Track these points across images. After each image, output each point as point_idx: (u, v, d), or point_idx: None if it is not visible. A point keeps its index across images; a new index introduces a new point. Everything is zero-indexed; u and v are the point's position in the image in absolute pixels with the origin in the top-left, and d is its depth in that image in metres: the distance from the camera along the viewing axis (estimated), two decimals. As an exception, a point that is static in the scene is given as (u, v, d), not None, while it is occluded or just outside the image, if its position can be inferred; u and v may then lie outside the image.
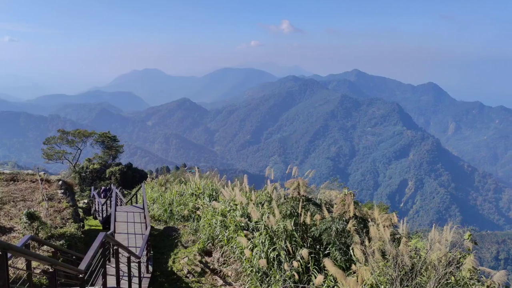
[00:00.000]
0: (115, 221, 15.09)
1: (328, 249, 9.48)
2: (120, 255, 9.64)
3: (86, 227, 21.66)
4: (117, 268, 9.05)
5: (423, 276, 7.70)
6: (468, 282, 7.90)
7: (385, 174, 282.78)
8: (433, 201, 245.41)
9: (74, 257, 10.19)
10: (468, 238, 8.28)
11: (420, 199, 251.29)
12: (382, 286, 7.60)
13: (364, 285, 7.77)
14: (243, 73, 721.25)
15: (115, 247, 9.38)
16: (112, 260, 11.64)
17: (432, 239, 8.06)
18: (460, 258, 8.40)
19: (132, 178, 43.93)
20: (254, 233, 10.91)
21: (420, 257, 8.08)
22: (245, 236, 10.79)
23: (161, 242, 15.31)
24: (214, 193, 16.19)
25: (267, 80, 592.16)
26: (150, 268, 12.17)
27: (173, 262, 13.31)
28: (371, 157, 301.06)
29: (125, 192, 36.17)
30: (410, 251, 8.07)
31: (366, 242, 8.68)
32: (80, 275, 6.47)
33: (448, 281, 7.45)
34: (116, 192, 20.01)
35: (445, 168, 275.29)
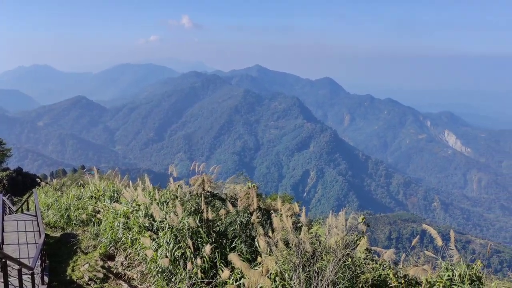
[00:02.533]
0: (2, 231, 13.75)
1: (234, 242, 9.58)
2: (10, 268, 8.80)
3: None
4: (6, 283, 8.26)
5: (324, 260, 8.08)
6: (363, 262, 8.49)
7: (289, 166, 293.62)
8: (333, 189, 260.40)
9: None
10: (361, 222, 8.92)
11: (322, 188, 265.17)
12: (287, 274, 7.85)
13: (270, 274, 7.97)
14: (143, 69, 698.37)
15: (2, 260, 8.55)
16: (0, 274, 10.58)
17: (330, 225, 8.55)
18: (356, 240, 8.99)
19: (22, 184, 40.36)
20: (158, 233, 10.64)
21: (320, 243, 8.48)
22: (149, 236, 10.48)
23: (59, 250, 14.27)
24: (115, 195, 15.48)
25: (168, 76, 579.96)
26: (46, 279, 11.28)
27: (73, 270, 12.48)
28: (275, 150, 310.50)
29: (15, 199, 33.12)
30: (311, 238, 8.45)
31: (270, 233, 8.93)
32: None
33: (346, 263, 7.91)
34: (3, 200, 18.22)
35: (342, 158, 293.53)
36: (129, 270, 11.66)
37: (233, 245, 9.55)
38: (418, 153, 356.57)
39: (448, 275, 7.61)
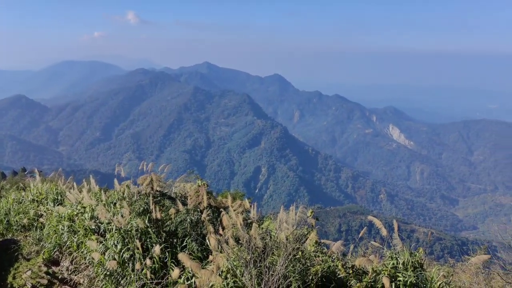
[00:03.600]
0: None
1: (185, 241, 9.47)
2: None
3: None
4: None
5: (274, 255, 8.16)
6: (313, 255, 8.67)
7: (240, 163, 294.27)
8: (284, 184, 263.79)
9: None
10: (310, 215, 9.11)
11: (273, 184, 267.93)
12: (238, 270, 7.86)
13: (221, 272, 7.96)
14: (88, 66, 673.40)
15: None
16: None
17: (281, 220, 8.66)
18: (306, 234, 9.15)
19: (-43, 189, 37.78)
20: (106, 235, 10.33)
21: (271, 238, 8.56)
22: (96, 239, 10.15)
23: (-2, 258, 13.49)
24: (59, 197, 14.83)
25: (115, 73, 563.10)
26: (-15, 289, 10.66)
27: (14, 278, 11.85)
28: (226, 148, 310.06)
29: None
30: (262, 234, 8.51)
31: (221, 231, 8.91)
32: None
33: (296, 256, 8.03)
34: None
35: (293, 154, 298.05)
36: (75, 275, 11.24)
37: (184, 244, 9.44)
38: (365, 147, 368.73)
39: (393, 264, 7.93)
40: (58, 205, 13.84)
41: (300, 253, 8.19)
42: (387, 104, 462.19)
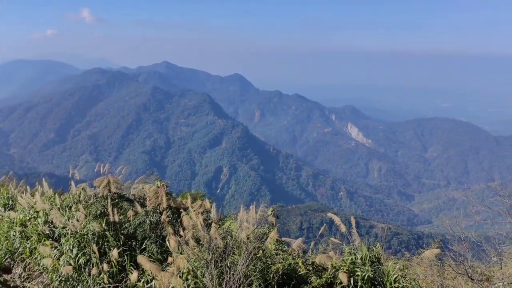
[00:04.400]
0: None
1: (144, 243, 9.31)
2: None
3: None
4: None
5: (236, 254, 8.16)
6: (274, 253, 8.72)
7: (201, 163, 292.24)
8: (246, 184, 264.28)
9: None
10: (271, 214, 9.16)
11: (235, 184, 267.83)
12: (199, 271, 7.81)
13: (181, 273, 7.87)
14: (41, 66, 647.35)
15: None
16: None
17: (241, 219, 8.67)
18: (267, 232, 9.20)
19: None
20: (61, 240, 9.98)
21: (232, 238, 8.55)
22: (50, 244, 9.79)
23: None
24: (10, 202, 14.21)
25: (69, 73, 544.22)
26: None
27: (-38, 289, 11.25)
28: (186, 148, 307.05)
29: None
30: (223, 234, 8.49)
31: (181, 232, 8.81)
32: None
33: (257, 255, 8.06)
34: None
35: (254, 153, 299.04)
36: (29, 282, 10.80)
37: (144, 247, 9.28)
38: (325, 146, 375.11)
39: (351, 259, 8.12)
40: (9, 210, 13.26)
41: (261, 251, 8.23)
42: (345, 103, 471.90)
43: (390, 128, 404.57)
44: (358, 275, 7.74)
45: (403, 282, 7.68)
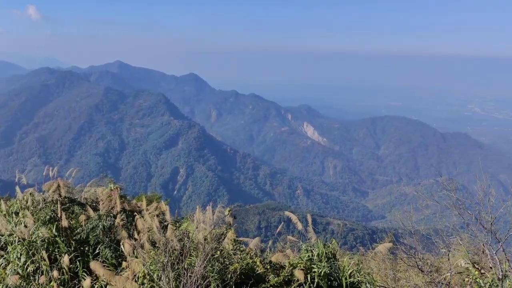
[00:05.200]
0: None
1: (98, 248, 9.03)
2: None
3: None
4: None
5: (193, 256, 8.07)
6: (231, 253, 8.70)
7: (157, 164, 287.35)
8: (203, 185, 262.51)
9: None
10: (228, 214, 9.13)
11: (192, 185, 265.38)
12: (155, 274, 7.66)
13: (137, 277, 7.69)
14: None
15: None
16: None
17: (198, 220, 8.57)
18: (224, 233, 9.16)
19: None
20: (7, 248, 9.49)
21: (189, 239, 8.45)
22: (-4, 253, 9.29)
23: None
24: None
25: (15, 73, 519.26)
26: None
27: None
28: (141, 149, 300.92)
29: None
30: (179, 235, 8.36)
31: (136, 235, 8.61)
32: None
33: (215, 256, 8.01)
34: None
35: (211, 153, 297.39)
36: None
37: (97, 252, 9.00)
38: (282, 145, 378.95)
39: (308, 256, 8.23)
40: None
41: (218, 252, 8.18)
42: (301, 103, 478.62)
43: (344, 126, 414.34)
44: (315, 272, 7.85)
45: (358, 277, 7.87)
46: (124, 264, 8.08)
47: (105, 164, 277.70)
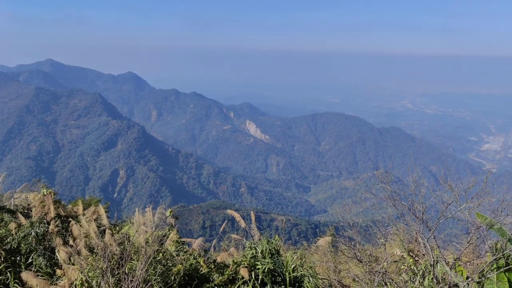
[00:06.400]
0: None
1: (30, 257, 8.52)
2: None
3: None
4: None
5: (134, 260, 7.83)
6: (174, 254, 8.54)
7: (95, 167, 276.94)
8: (145, 186, 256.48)
9: None
10: (169, 215, 8.96)
11: (133, 186, 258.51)
12: (94, 281, 7.36)
13: (74, 285, 7.35)
14: None
15: None
16: None
17: (138, 223, 8.32)
18: (167, 234, 8.97)
19: None
20: None
21: (130, 243, 8.19)
22: None
23: None
24: None
25: None
26: None
27: None
28: (78, 151, 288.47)
29: None
30: (120, 239, 8.08)
31: (72, 241, 8.22)
32: None
33: (157, 258, 7.83)
34: None
35: (152, 154, 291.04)
36: None
37: (30, 261, 8.49)
38: (225, 143, 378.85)
39: (252, 253, 8.26)
40: None
41: (160, 254, 8.01)
42: (243, 101, 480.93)
43: (286, 123, 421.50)
44: (259, 269, 7.89)
45: (301, 271, 8.01)
46: (59, 272, 7.67)
47: (38, 168, 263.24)
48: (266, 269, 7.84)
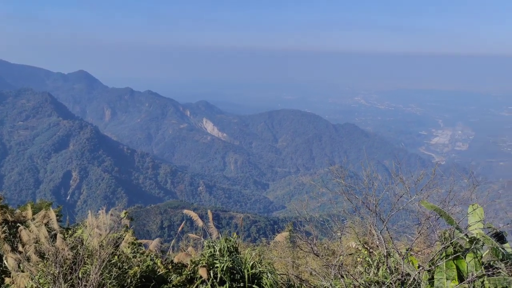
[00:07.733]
0: None
1: (-25, 267, 8.08)
2: None
3: None
4: None
5: (88, 264, 7.61)
6: (130, 256, 8.36)
7: (46, 169, 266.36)
8: (99, 187, 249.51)
9: None
10: (124, 216, 8.75)
11: (87, 188, 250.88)
12: (45, 287, 7.09)
13: (24, 294, 7.04)
14: None
15: None
16: None
17: (91, 226, 8.07)
18: (122, 236, 8.75)
19: None
20: None
21: (83, 247, 7.94)
22: None
23: None
24: None
25: None
26: None
27: None
28: (27, 153, 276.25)
29: None
30: (72, 243, 7.81)
31: (21, 247, 7.86)
32: None
33: (112, 261, 7.63)
34: None
35: (107, 154, 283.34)
36: None
37: (-25, 271, 8.04)
38: (182, 142, 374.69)
39: (210, 252, 8.23)
40: None
41: (116, 257, 7.82)
42: (199, 99, 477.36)
43: (243, 121, 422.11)
44: (217, 267, 7.86)
45: (260, 267, 8.05)
46: (8, 280, 7.32)
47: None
48: (225, 267, 7.82)
